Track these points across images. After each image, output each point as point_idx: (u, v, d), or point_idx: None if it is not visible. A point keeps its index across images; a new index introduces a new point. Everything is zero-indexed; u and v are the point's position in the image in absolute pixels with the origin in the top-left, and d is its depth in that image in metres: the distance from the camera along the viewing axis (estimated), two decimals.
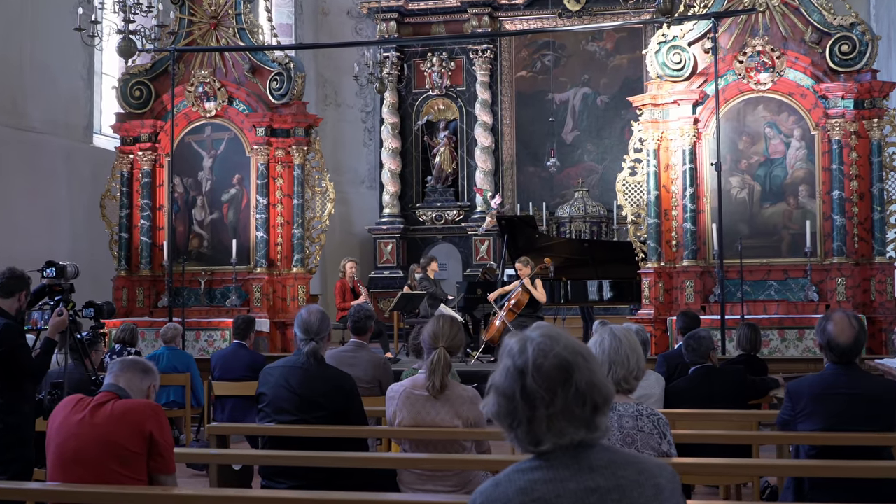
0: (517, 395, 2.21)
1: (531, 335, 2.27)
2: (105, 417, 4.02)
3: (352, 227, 23.00)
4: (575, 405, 2.20)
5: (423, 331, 5.33)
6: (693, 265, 13.16)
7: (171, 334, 10.93)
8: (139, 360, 4.37)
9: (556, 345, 2.23)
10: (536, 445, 2.22)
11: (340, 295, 14.72)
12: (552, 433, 2.19)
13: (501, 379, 2.25)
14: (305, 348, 5.38)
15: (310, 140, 14.97)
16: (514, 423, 2.23)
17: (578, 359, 2.23)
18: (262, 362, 9.70)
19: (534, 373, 2.19)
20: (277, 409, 5.38)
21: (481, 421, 5.23)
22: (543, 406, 2.19)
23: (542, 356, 2.21)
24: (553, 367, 2.20)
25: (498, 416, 2.26)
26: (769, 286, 13.08)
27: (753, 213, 13.27)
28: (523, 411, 2.20)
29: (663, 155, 13.50)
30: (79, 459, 3.99)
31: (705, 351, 6.89)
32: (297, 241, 14.82)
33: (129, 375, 4.24)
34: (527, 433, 2.22)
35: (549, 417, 2.19)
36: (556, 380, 2.19)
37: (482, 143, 21.99)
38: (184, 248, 14.86)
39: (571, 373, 2.20)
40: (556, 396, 2.18)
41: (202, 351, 14.08)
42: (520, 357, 2.23)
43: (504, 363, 2.27)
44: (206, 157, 15.02)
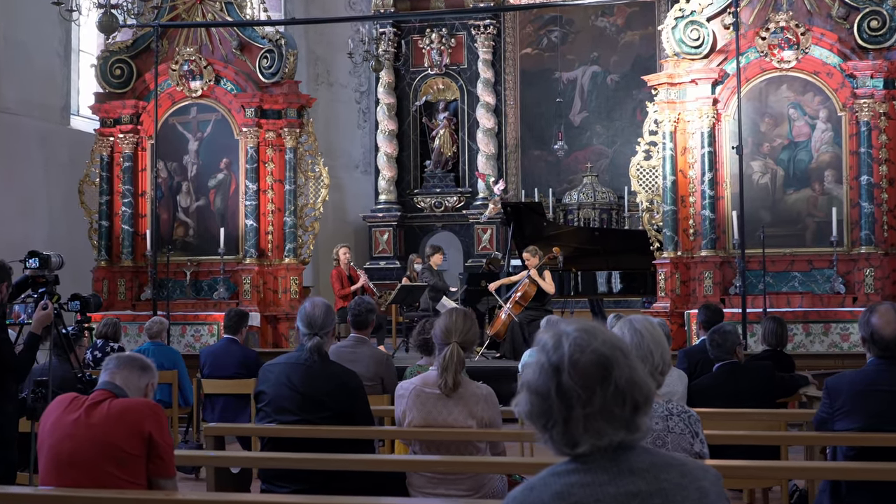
0: (552, 394, 2.20)
1: (566, 329, 2.25)
2: (101, 417, 4.02)
3: (345, 214, 22.99)
4: (614, 404, 2.19)
5: (435, 325, 5.33)
6: (712, 255, 13.16)
7: (156, 328, 10.90)
8: (136, 357, 4.35)
9: (594, 340, 2.22)
10: (573, 447, 2.21)
11: (338, 283, 14.68)
12: (590, 434, 2.18)
13: (535, 376, 2.24)
14: (308, 343, 5.37)
15: (302, 122, 14.95)
16: (548, 423, 2.22)
17: (618, 354, 2.22)
18: (255, 359, 9.74)
19: (570, 369, 2.18)
20: (278, 409, 5.38)
21: (496, 421, 5.23)
22: (580, 405, 2.17)
23: (578, 352, 2.20)
24: (591, 364, 2.19)
25: (531, 416, 2.25)
26: (793, 277, 13.08)
27: (776, 200, 13.27)
28: (559, 411, 2.19)
29: (680, 138, 13.49)
30: (74, 462, 3.99)
31: (731, 346, 6.89)
32: (289, 230, 14.82)
33: (126, 373, 4.23)
34: (562, 434, 2.20)
35: (587, 417, 2.18)
36: (594, 377, 2.18)
37: (484, 125, 21.98)
38: (168, 237, 14.85)
39: (610, 370, 2.19)
40: (594, 395, 2.17)
41: (188, 346, 14.08)
42: (555, 353, 2.22)
43: (537, 359, 2.25)
44: (192, 140, 15.00)
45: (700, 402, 6.69)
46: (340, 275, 14.81)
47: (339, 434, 5.31)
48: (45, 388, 5.91)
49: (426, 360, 7.35)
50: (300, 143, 14.94)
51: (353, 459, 5.11)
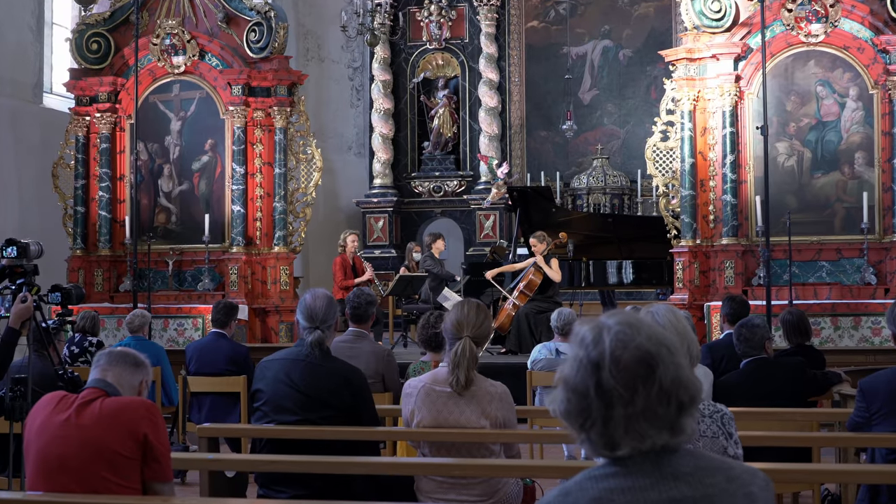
0: (591, 392, 2.19)
1: (607, 322, 2.25)
2: (93, 418, 4.01)
3: (337, 200, 22.99)
4: (658, 404, 2.18)
5: (445, 318, 5.33)
6: (733, 243, 13.16)
7: (138, 322, 10.89)
8: (129, 353, 4.35)
9: (638, 334, 2.21)
10: (612, 449, 2.21)
11: (342, 272, 14.64)
12: (631, 436, 2.18)
13: (572, 372, 2.23)
14: (309, 338, 5.37)
15: (293, 100, 14.93)
16: (586, 423, 2.22)
17: (663, 351, 2.21)
18: (245, 354, 9.75)
19: (611, 366, 2.18)
20: (277, 408, 5.37)
21: (511, 421, 5.24)
22: (621, 405, 2.17)
23: (621, 347, 2.19)
24: (634, 361, 2.18)
25: (567, 415, 2.25)
26: (820, 267, 13.09)
27: (803, 184, 13.26)
28: (598, 410, 2.19)
29: (700, 117, 13.48)
30: (63, 465, 3.98)
31: (759, 341, 6.88)
32: (279, 216, 14.80)
33: (119, 370, 4.22)
34: (601, 435, 2.20)
35: (628, 418, 2.17)
36: (637, 375, 2.18)
37: (487, 103, 21.96)
38: (149, 223, 14.84)
39: (655, 367, 2.19)
40: (636, 394, 2.17)
41: (171, 341, 14.10)
42: (594, 348, 2.21)
43: (575, 354, 2.25)
44: (174, 120, 14.98)
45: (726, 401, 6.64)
46: (345, 264, 14.77)
47: (342, 435, 5.31)
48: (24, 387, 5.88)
49: (430, 356, 7.35)
50: (291, 122, 14.92)
51: (357, 462, 5.11)
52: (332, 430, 5.30)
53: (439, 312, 7.50)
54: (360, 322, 7.27)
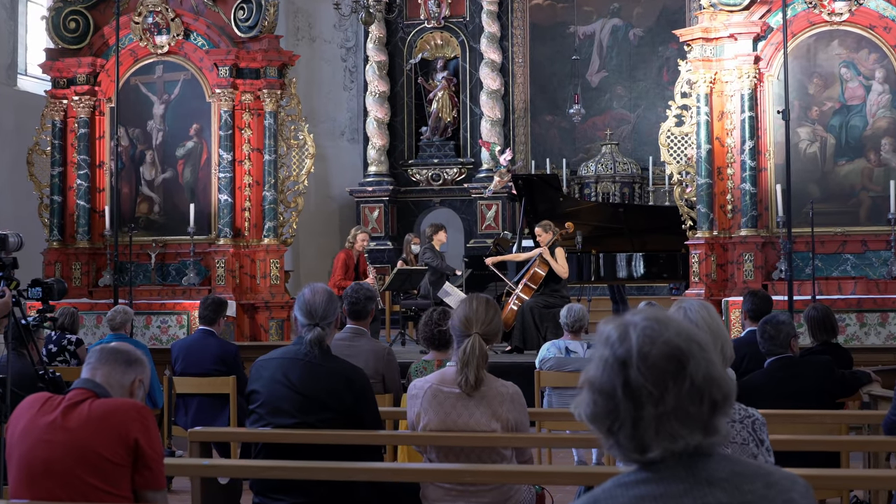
0: (618, 392, 2.19)
1: (633, 319, 2.25)
2: (81, 421, 3.99)
3: (329, 189, 22.99)
4: (690, 403, 2.18)
5: (453, 315, 5.32)
6: (753, 235, 13.16)
7: (120, 319, 10.86)
8: (121, 349, 4.31)
9: (666, 330, 2.21)
10: (642, 453, 2.20)
11: (343, 268, 14.56)
12: (662, 437, 2.18)
13: (598, 372, 2.24)
14: (308, 336, 5.34)
15: (284, 82, 14.92)
16: (614, 425, 2.21)
17: (693, 346, 2.21)
18: (234, 353, 9.74)
19: (639, 364, 2.18)
20: (273, 411, 5.36)
21: (523, 423, 5.22)
22: (651, 404, 2.17)
23: (648, 343, 2.19)
24: (663, 357, 2.18)
25: (594, 418, 2.25)
26: (845, 260, 13.10)
27: (826, 172, 13.27)
28: (626, 411, 2.19)
29: (717, 101, 13.48)
30: (49, 471, 3.96)
31: (785, 339, 6.87)
32: (269, 206, 14.79)
33: (109, 368, 4.19)
34: (630, 438, 2.20)
35: (659, 418, 2.17)
36: (666, 372, 2.18)
37: (489, 86, 21.95)
38: (130, 214, 14.83)
39: (685, 363, 2.18)
40: (666, 392, 2.17)
41: (154, 339, 14.09)
42: (621, 345, 2.22)
43: (600, 353, 2.25)
44: (157, 104, 14.97)
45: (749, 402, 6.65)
46: (348, 261, 14.72)
47: (343, 439, 5.29)
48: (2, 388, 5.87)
49: (434, 355, 7.35)
50: (281, 106, 14.91)
51: (360, 468, 5.10)
52: (332, 433, 5.28)
53: (443, 308, 7.51)
54: (359, 319, 7.25)
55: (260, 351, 12.40)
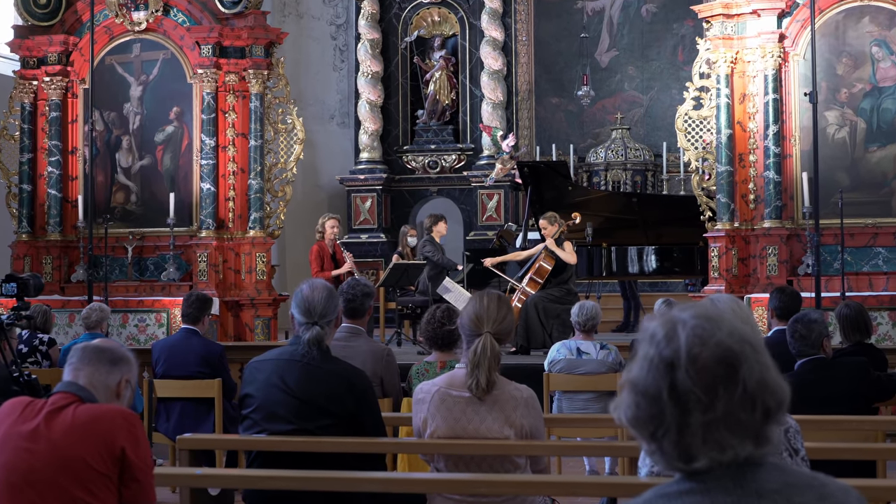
0: (664, 395, 2.18)
1: (681, 316, 2.24)
2: (64, 428, 3.97)
3: (318, 177, 22.98)
4: (741, 410, 2.17)
5: (462, 313, 5.31)
6: (777, 227, 13.17)
7: (96, 317, 10.87)
8: (105, 347, 4.30)
9: (718, 330, 2.20)
10: (687, 462, 2.19)
11: (318, 262, 14.62)
12: (709, 446, 2.17)
13: (642, 373, 2.22)
14: (306, 335, 5.33)
15: (271, 62, 14.92)
16: (658, 431, 2.20)
17: (747, 349, 2.20)
18: (220, 354, 9.74)
19: (688, 366, 2.17)
20: (269, 416, 5.35)
21: (539, 430, 5.22)
22: (699, 410, 2.16)
23: (699, 344, 2.18)
24: (714, 360, 2.17)
25: (636, 423, 2.24)
26: (876, 254, 13.11)
27: (856, 159, 13.27)
28: (672, 416, 2.18)
29: (738, 82, 13.48)
30: (30, 482, 3.95)
31: (818, 339, 6.87)
32: (255, 196, 14.78)
33: (92, 369, 4.18)
34: (675, 445, 2.19)
35: (707, 425, 2.16)
36: (717, 376, 2.17)
37: (490, 66, 21.92)
38: (105, 204, 14.82)
39: (738, 367, 2.18)
40: (716, 398, 2.16)
41: (131, 339, 14.08)
42: (668, 345, 2.20)
43: (644, 352, 2.24)
44: (135, 85, 14.95)
45: None
46: (322, 252, 14.74)
47: (344, 447, 5.28)
48: None
49: (436, 356, 7.35)
50: (268, 88, 14.90)
51: (362, 478, 5.10)
52: (332, 440, 5.28)
53: (447, 306, 7.50)
54: (356, 317, 7.24)
55: (246, 351, 12.54)
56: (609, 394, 9.12)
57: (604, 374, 9.05)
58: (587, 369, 9.10)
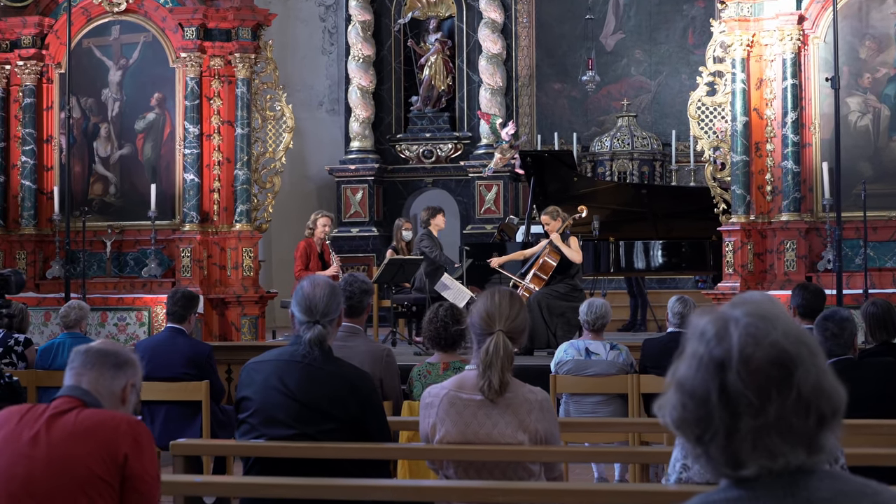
0: (713, 397, 2.17)
1: (734, 314, 2.23)
2: (65, 433, 3.96)
3: (306, 167, 22.95)
4: (794, 415, 2.16)
5: (472, 310, 5.30)
6: (795, 220, 13.17)
7: (75, 316, 10.83)
8: (109, 350, 4.29)
9: (773, 330, 2.19)
10: (736, 468, 2.19)
11: (303, 259, 14.58)
12: (759, 453, 2.16)
13: (690, 371, 2.21)
14: (308, 334, 5.31)
15: (258, 45, 14.92)
16: (705, 434, 2.20)
17: (803, 351, 2.19)
18: (207, 354, 9.73)
19: (740, 367, 2.16)
20: (268, 420, 5.34)
21: (553, 434, 5.22)
22: (750, 415, 2.15)
23: (752, 344, 2.17)
24: (768, 362, 2.16)
25: (681, 425, 2.23)
26: None
27: (879, 148, 13.29)
28: (721, 420, 2.17)
29: (755, 66, 13.48)
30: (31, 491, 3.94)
31: (849, 338, 6.88)
32: (242, 187, 14.79)
33: (96, 373, 4.16)
34: (723, 450, 2.18)
35: (757, 431, 2.16)
36: (771, 379, 2.16)
37: (489, 50, 21.90)
38: (82, 196, 14.82)
39: (793, 370, 2.17)
40: (769, 402, 2.15)
41: (111, 339, 14.02)
42: (718, 344, 2.20)
43: (693, 350, 2.23)
44: (114, 70, 14.95)
45: None
46: (309, 250, 14.71)
47: (348, 453, 5.28)
48: None
49: (439, 357, 7.37)
50: (255, 72, 14.90)
51: (366, 486, 5.10)
52: (334, 446, 5.27)
53: (451, 304, 7.52)
54: (353, 315, 7.23)
55: (233, 352, 12.56)
56: (619, 397, 9.14)
57: (614, 376, 9.06)
58: (596, 371, 9.10)
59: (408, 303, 15.14)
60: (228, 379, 11.89)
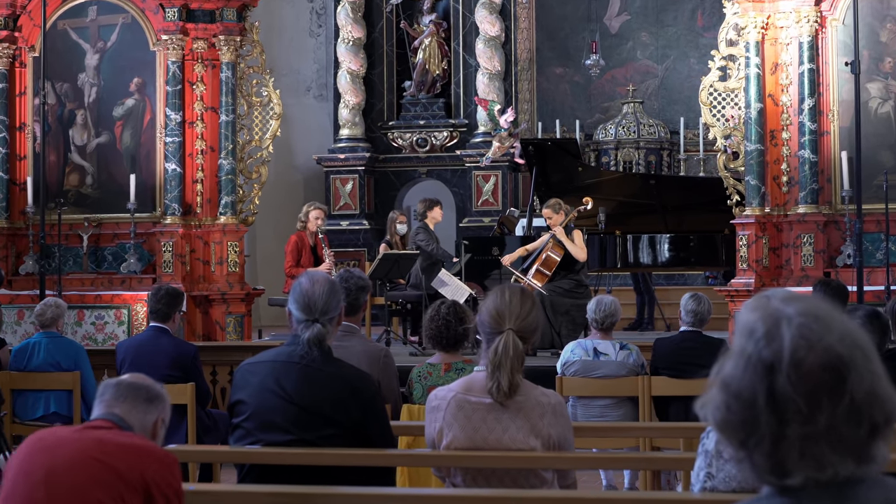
0: (760, 401, 2.16)
1: (786, 312, 2.21)
2: (96, 438, 4.14)
3: (292, 156, 22.93)
4: (845, 424, 2.15)
5: (481, 308, 5.30)
6: (813, 212, 13.17)
7: (51, 314, 10.85)
8: (141, 384, 4.42)
9: (828, 332, 2.17)
10: (781, 477, 2.18)
11: (294, 255, 14.57)
12: (807, 462, 2.15)
13: (737, 371, 2.20)
14: (306, 334, 5.31)
15: (244, 27, 14.88)
16: (749, 439, 2.18)
17: (857, 355, 2.17)
18: (193, 355, 9.73)
19: (790, 370, 2.14)
20: (264, 425, 5.34)
21: (567, 440, 5.22)
22: (799, 422, 2.14)
23: (805, 347, 2.16)
24: (820, 365, 2.15)
25: (725, 426, 2.22)
26: None
27: None
28: (767, 425, 2.16)
29: (770, 50, 13.48)
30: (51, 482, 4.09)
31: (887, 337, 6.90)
32: (226, 177, 14.75)
33: (129, 406, 4.30)
34: (768, 457, 2.17)
35: (805, 439, 2.14)
36: (822, 385, 2.14)
37: (486, 32, 21.92)
38: (57, 187, 14.80)
39: (846, 375, 2.15)
40: (819, 409, 2.14)
41: (88, 339, 14.06)
42: (768, 344, 2.18)
43: (741, 348, 2.21)
44: (91, 53, 14.92)
45: None
46: (301, 244, 14.70)
47: (349, 460, 5.28)
48: None
49: (440, 358, 7.37)
50: (241, 56, 14.87)
51: (369, 495, 5.10)
52: (335, 452, 5.27)
53: (453, 301, 7.52)
54: (350, 314, 7.21)
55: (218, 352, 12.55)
56: (630, 400, 9.14)
57: (624, 378, 9.06)
58: (605, 372, 9.10)
59: (402, 300, 15.15)
60: (214, 381, 11.88)
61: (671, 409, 8.96)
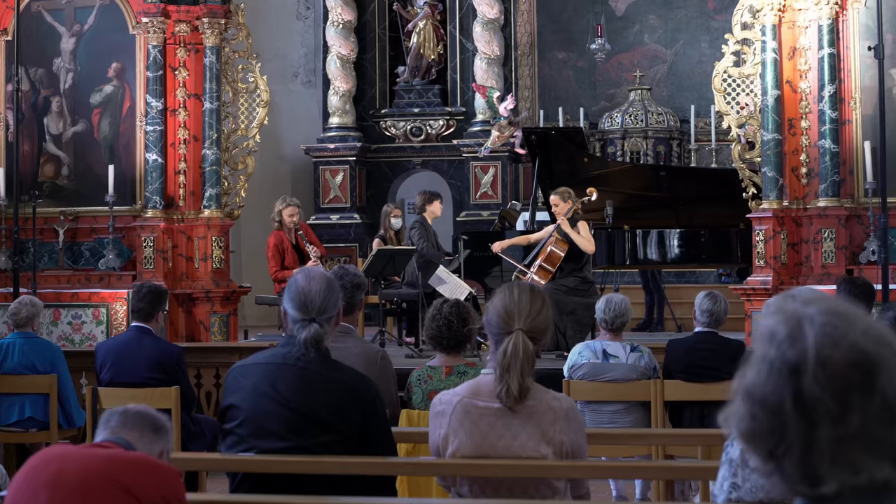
0: (787, 406, 2.16)
1: (807, 312, 2.22)
2: (103, 454, 4.19)
3: (279, 146, 22.94)
4: (878, 424, 2.15)
5: (488, 308, 5.29)
6: (834, 206, 13.15)
7: (26, 313, 10.87)
8: (147, 413, 4.47)
9: (851, 328, 2.18)
10: (813, 485, 2.18)
11: (277, 257, 14.59)
12: (840, 467, 2.15)
13: (760, 378, 2.20)
14: (303, 334, 5.31)
15: (229, 9, 14.86)
16: (778, 448, 2.19)
17: (885, 351, 2.18)
18: (177, 356, 9.76)
19: (816, 371, 2.14)
20: (258, 431, 5.34)
21: (581, 447, 5.21)
22: (829, 424, 2.14)
23: (830, 345, 2.16)
24: (847, 364, 2.15)
25: (751, 437, 2.22)
26: None
27: None
28: (796, 431, 2.16)
29: (787, 34, 13.46)
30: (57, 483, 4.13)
31: None
32: (211, 168, 14.74)
33: (136, 435, 4.37)
34: (799, 465, 2.17)
35: (837, 442, 2.14)
36: (851, 384, 2.14)
37: (485, 14, 21.93)
38: (32, 178, 14.81)
39: (875, 373, 2.15)
40: (849, 410, 2.14)
41: (64, 339, 14.08)
42: (791, 346, 2.18)
43: (763, 353, 2.22)
44: (67, 37, 14.93)
45: None
46: (281, 245, 14.70)
47: (348, 468, 5.28)
48: None
49: (441, 360, 7.38)
50: (226, 40, 14.86)
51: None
52: (333, 460, 5.27)
53: (456, 300, 7.51)
54: (346, 313, 7.19)
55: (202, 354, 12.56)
56: (641, 405, 9.14)
57: (635, 382, 9.06)
58: (615, 375, 9.09)
59: (398, 299, 15.13)
60: (198, 385, 11.89)
61: (685, 414, 8.97)
